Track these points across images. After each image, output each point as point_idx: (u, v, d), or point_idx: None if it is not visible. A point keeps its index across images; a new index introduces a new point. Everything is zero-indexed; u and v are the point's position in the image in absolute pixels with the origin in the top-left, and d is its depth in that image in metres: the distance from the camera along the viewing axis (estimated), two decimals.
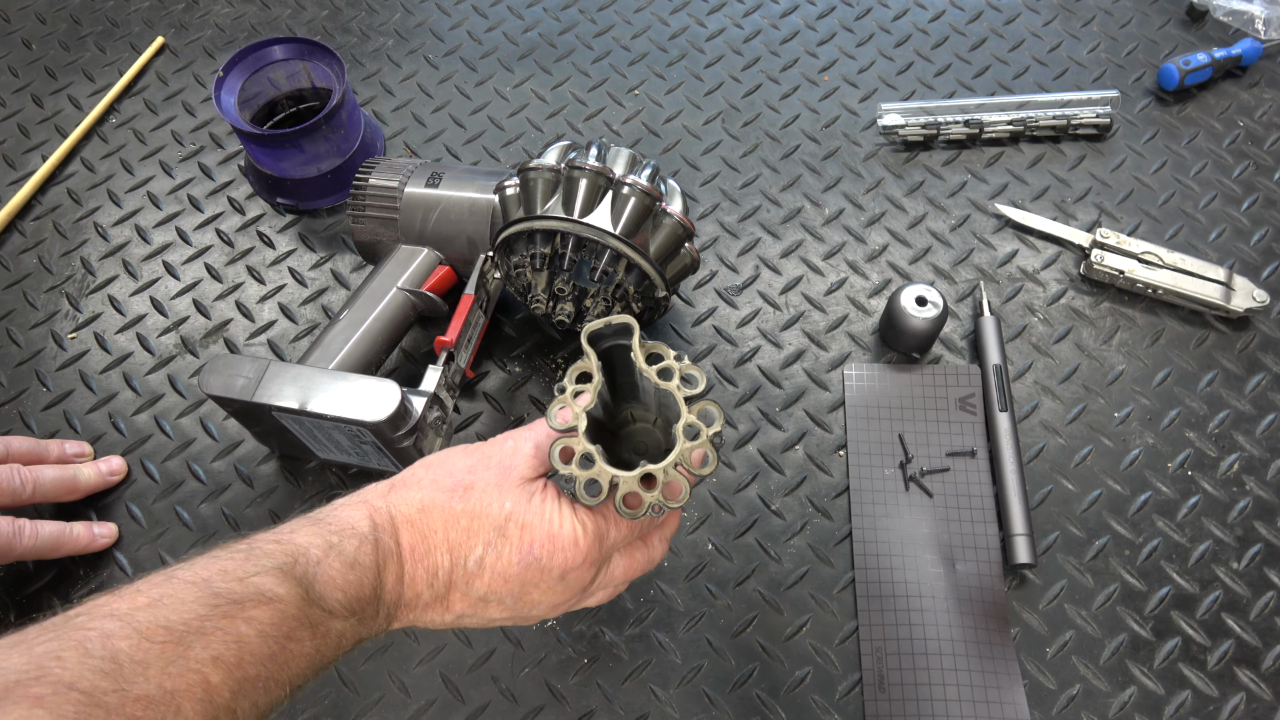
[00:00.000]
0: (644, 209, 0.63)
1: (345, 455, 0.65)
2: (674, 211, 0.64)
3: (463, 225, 0.70)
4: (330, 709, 0.61)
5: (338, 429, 0.61)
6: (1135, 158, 0.83)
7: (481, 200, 0.70)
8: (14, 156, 0.86)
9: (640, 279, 0.65)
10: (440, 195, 0.71)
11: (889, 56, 0.90)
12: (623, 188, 0.63)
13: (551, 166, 0.64)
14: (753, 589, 0.65)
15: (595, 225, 0.62)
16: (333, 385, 0.60)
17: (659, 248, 0.64)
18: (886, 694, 0.60)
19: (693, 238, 0.66)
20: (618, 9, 0.94)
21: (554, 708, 0.61)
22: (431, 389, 0.63)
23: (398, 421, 0.59)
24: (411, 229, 0.71)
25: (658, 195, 0.64)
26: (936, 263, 0.78)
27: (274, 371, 0.61)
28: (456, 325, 0.65)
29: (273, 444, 0.69)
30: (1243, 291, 0.74)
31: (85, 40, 0.93)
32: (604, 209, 0.63)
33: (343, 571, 0.40)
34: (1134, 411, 0.71)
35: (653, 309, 0.68)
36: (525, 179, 0.65)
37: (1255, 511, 0.67)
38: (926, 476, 0.68)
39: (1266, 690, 0.61)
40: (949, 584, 0.64)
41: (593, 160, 0.64)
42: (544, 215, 0.63)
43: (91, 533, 0.65)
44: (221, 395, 0.61)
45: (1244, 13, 0.89)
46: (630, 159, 0.66)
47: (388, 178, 0.72)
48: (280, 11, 0.94)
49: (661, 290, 0.66)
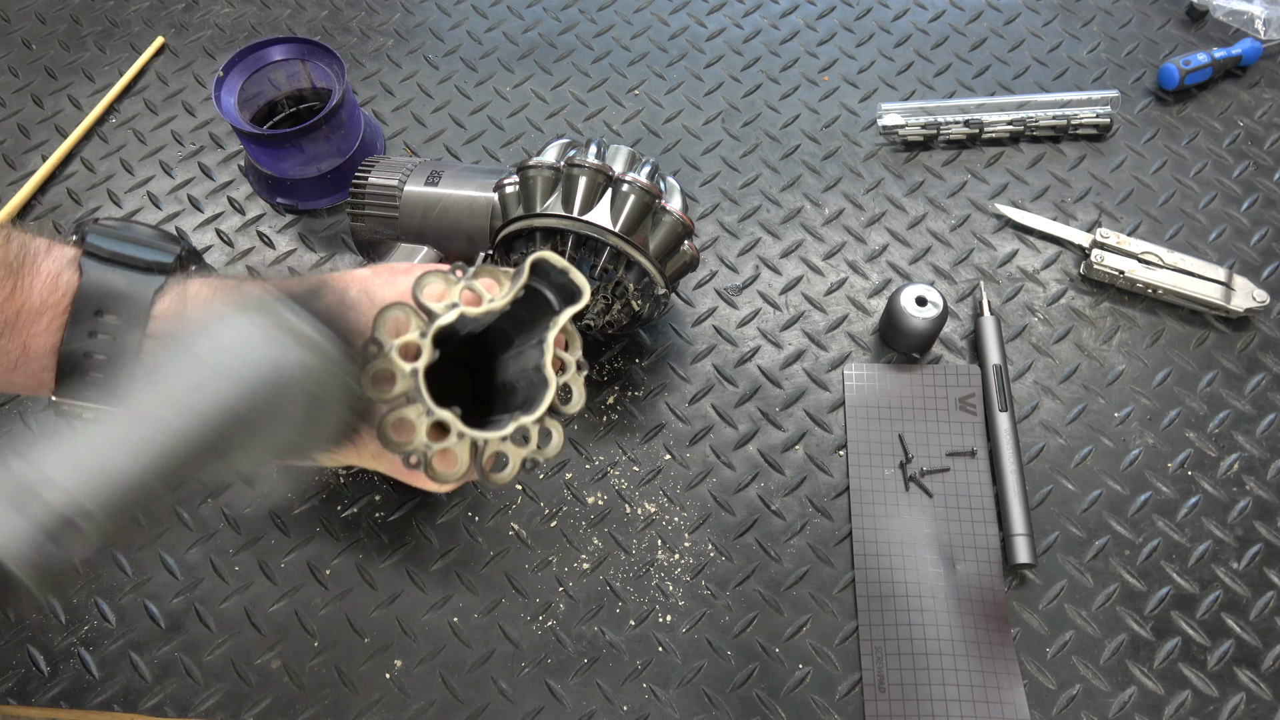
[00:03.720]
0: (644, 206, 0.63)
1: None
2: (673, 209, 0.65)
3: (462, 223, 0.70)
4: (330, 709, 0.61)
5: None
6: (1135, 158, 0.83)
7: (481, 198, 0.70)
8: (14, 156, 0.86)
9: (640, 276, 0.65)
10: (440, 193, 0.71)
11: (889, 56, 0.90)
12: (622, 185, 0.63)
13: (551, 164, 0.64)
14: (753, 589, 0.65)
15: (595, 223, 0.62)
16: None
17: (659, 245, 0.64)
18: (886, 694, 0.60)
19: (692, 235, 0.66)
20: (618, 9, 0.94)
21: (554, 708, 0.61)
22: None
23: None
24: (411, 227, 0.71)
25: (657, 193, 0.64)
26: (936, 263, 0.78)
27: None
28: None
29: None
30: (1243, 291, 0.74)
31: (85, 40, 0.93)
32: (603, 206, 0.63)
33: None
34: (1134, 411, 0.71)
35: (653, 306, 0.68)
36: (525, 177, 0.65)
37: (1255, 511, 0.67)
38: (926, 476, 0.68)
39: (1266, 690, 0.60)
40: (949, 584, 0.64)
41: (592, 158, 0.64)
42: (544, 213, 0.63)
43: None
44: None
45: (1244, 13, 0.89)
46: (629, 156, 0.67)
47: (387, 176, 0.72)
48: (280, 11, 0.94)
49: (661, 288, 0.66)
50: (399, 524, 0.67)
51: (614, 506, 0.68)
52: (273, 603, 0.64)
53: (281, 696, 0.61)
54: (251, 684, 0.62)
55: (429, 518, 0.67)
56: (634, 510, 0.67)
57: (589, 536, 0.66)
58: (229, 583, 0.65)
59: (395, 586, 0.65)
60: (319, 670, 0.62)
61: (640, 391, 0.72)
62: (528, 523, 0.67)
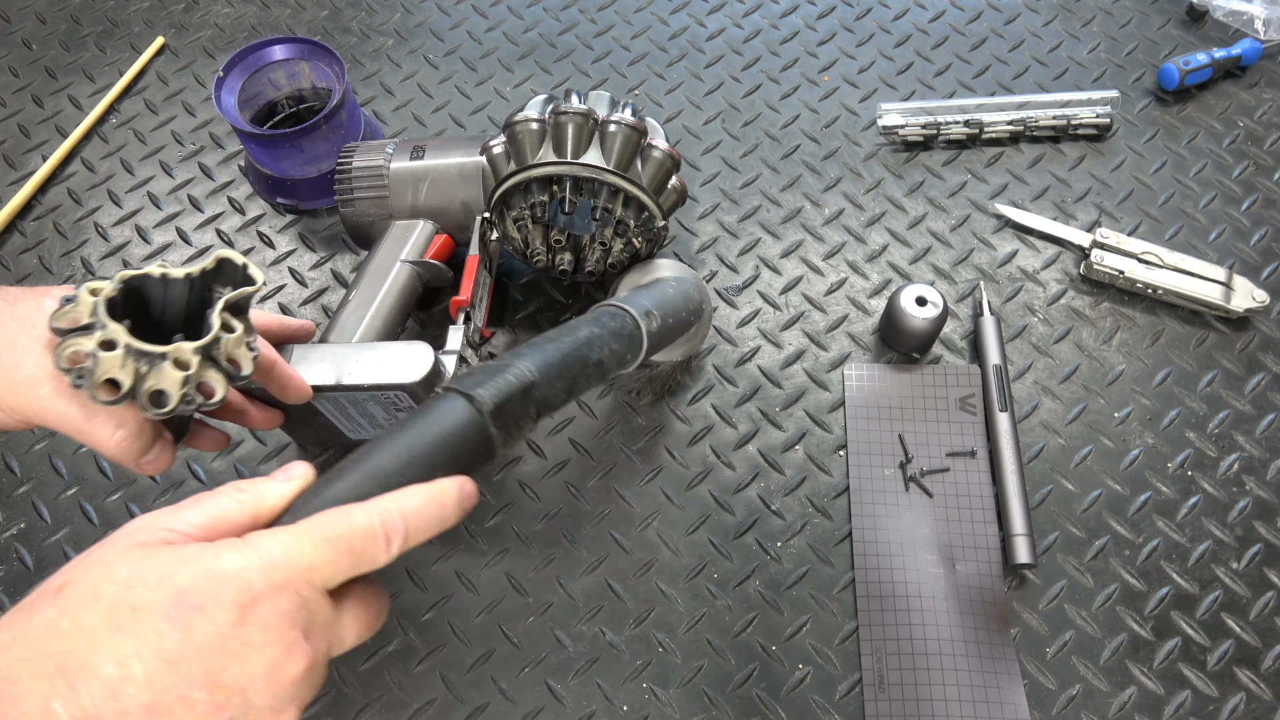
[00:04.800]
0: (633, 143, 0.65)
1: (379, 429, 0.66)
2: (660, 144, 0.66)
3: (455, 192, 0.71)
4: (330, 709, 0.61)
5: (373, 399, 0.61)
6: (1135, 158, 0.83)
7: (470, 164, 0.71)
8: (14, 156, 0.86)
9: (639, 211, 0.66)
10: (428, 166, 0.71)
11: (889, 56, 0.90)
12: (609, 126, 0.65)
13: (536, 118, 0.66)
14: (753, 589, 0.65)
15: (590, 164, 0.64)
16: (363, 356, 0.60)
17: (650, 180, 0.66)
18: (886, 694, 0.60)
19: (679, 168, 0.68)
20: (618, 9, 0.94)
21: (554, 708, 0.61)
22: (457, 348, 0.63)
23: (433, 380, 0.59)
24: (403, 204, 0.71)
25: (643, 130, 0.65)
26: (936, 263, 0.78)
27: (300, 354, 0.61)
28: (467, 284, 0.66)
29: (300, 434, 0.69)
30: (1243, 291, 0.74)
31: (85, 40, 0.93)
32: (594, 149, 0.65)
33: None
34: (1134, 411, 0.71)
35: (652, 241, 0.70)
36: (512, 133, 0.66)
37: (1255, 511, 0.67)
38: (926, 476, 0.68)
39: (1266, 690, 0.60)
40: (949, 584, 0.64)
41: (576, 104, 0.65)
42: (538, 163, 0.65)
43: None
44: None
45: (1244, 13, 0.89)
46: (610, 100, 0.69)
47: (371, 158, 0.72)
48: (280, 11, 0.94)
49: (660, 220, 0.67)
50: None
51: (614, 506, 0.68)
52: None
53: None
54: None
55: None
56: (634, 510, 0.67)
57: (589, 536, 0.66)
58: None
59: (395, 586, 0.65)
60: None
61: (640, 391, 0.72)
62: (528, 523, 0.67)
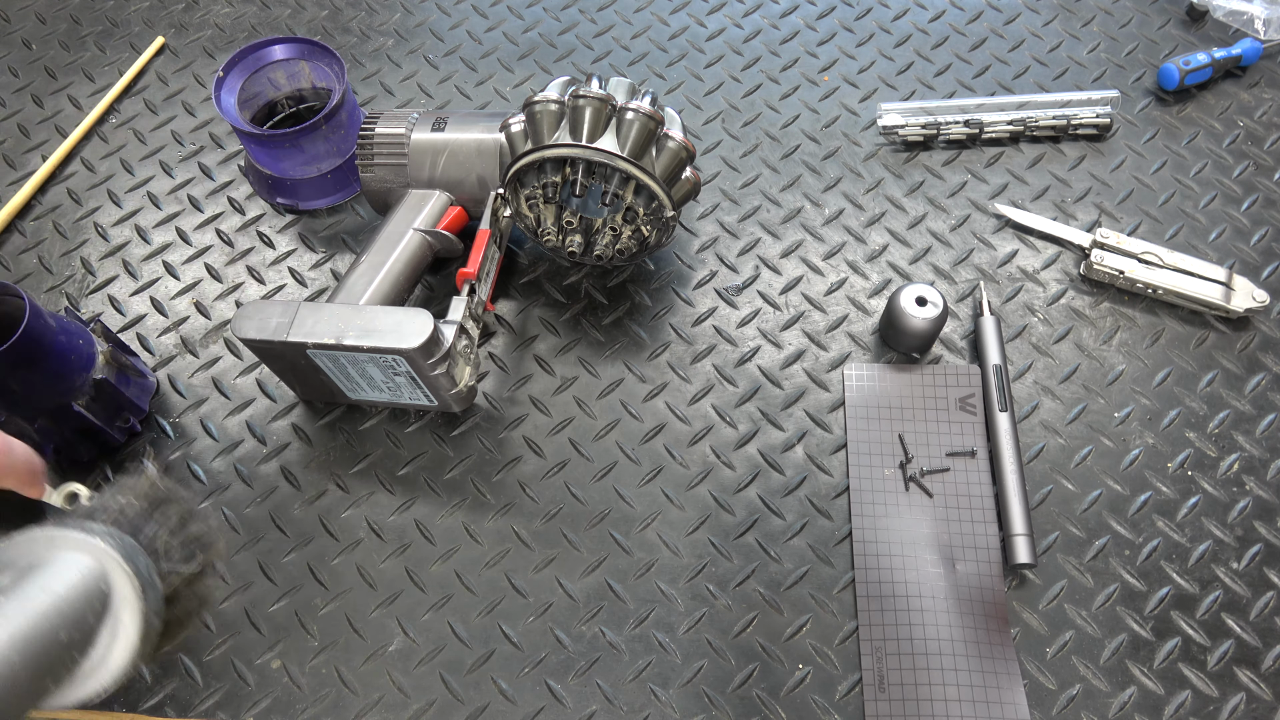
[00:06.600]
0: (648, 132, 0.65)
1: (377, 392, 0.67)
2: (676, 135, 0.66)
3: (472, 166, 0.72)
4: (330, 709, 0.61)
5: (372, 362, 0.62)
6: (1135, 158, 0.83)
7: (489, 140, 0.72)
8: (14, 156, 0.86)
9: (649, 200, 0.67)
10: (447, 139, 0.73)
11: (889, 56, 0.90)
12: (626, 113, 0.65)
13: (556, 99, 0.66)
14: (753, 589, 0.65)
15: (603, 149, 0.64)
16: (366, 318, 0.62)
17: (663, 170, 0.67)
18: (886, 694, 0.60)
19: (694, 160, 0.68)
20: (618, 9, 0.94)
21: (554, 708, 0.61)
22: (458, 318, 0.64)
23: (431, 348, 0.61)
24: (421, 174, 0.73)
25: (660, 119, 0.66)
26: (936, 263, 0.78)
27: (305, 312, 0.62)
28: (476, 258, 0.67)
29: (300, 388, 0.70)
30: (1243, 291, 0.74)
31: (85, 40, 0.93)
32: (610, 135, 0.65)
33: None
34: (1134, 411, 0.71)
35: (660, 232, 0.70)
36: (531, 112, 0.67)
37: (1255, 511, 0.67)
38: (926, 476, 0.68)
39: (1266, 690, 0.60)
40: (949, 584, 0.64)
41: (595, 89, 0.66)
42: (553, 144, 0.65)
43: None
44: (255, 339, 0.62)
45: (1244, 13, 0.89)
46: (630, 88, 0.69)
47: (394, 125, 0.74)
48: (280, 11, 0.94)
49: (670, 209, 0.68)
50: (399, 525, 0.67)
51: (614, 506, 0.68)
52: (273, 603, 0.64)
53: (281, 696, 0.61)
54: (251, 684, 0.62)
55: (429, 518, 0.67)
56: (634, 509, 0.67)
57: (589, 536, 0.66)
58: (229, 582, 0.65)
59: (395, 586, 0.65)
60: (319, 670, 0.62)
61: (640, 391, 0.72)
62: (528, 523, 0.67)
